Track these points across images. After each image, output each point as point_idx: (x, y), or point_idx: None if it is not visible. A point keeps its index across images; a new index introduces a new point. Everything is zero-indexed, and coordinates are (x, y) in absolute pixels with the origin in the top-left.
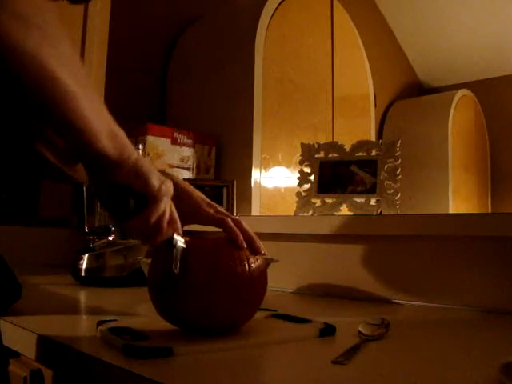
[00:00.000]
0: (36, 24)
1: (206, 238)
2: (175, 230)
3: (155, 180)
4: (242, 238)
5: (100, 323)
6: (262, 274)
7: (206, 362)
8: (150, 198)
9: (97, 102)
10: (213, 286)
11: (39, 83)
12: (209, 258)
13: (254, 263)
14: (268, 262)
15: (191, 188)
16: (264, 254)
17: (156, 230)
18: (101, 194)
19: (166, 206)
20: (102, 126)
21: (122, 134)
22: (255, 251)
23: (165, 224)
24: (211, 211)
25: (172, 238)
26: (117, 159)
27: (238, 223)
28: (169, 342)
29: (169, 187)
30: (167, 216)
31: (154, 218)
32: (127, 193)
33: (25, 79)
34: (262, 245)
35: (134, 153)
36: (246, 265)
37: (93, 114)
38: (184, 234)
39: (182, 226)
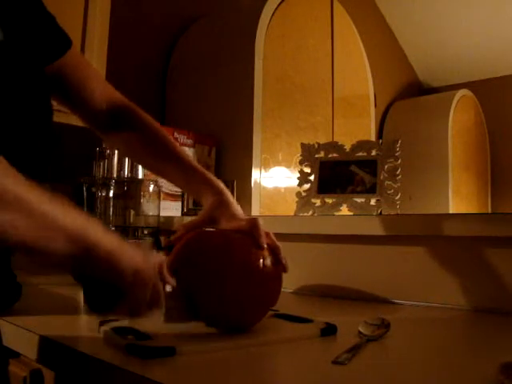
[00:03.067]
0: None
1: (222, 234)
2: (156, 306)
3: (128, 273)
4: (264, 239)
5: (102, 323)
6: (275, 274)
7: (208, 361)
8: (123, 289)
9: (57, 210)
10: (226, 280)
11: None
12: (219, 258)
13: (270, 262)
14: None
15: (229, 200)
16: (285, 267)
17: (136, 313)
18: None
19: (144, 293)
20: (60, 238)
21: (90, 231)
22: (277, 261)
23: (141, 312)
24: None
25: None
26: (82, 260)
27: (267, 233)
28: (171, 342)
29: (144, 275)
30: (144, 303)
31: (128, 309)
32: (101, 284)
33: None
34: (285, 259)
35: (105, 246)
36: (261, 262)
37: (45, 235)
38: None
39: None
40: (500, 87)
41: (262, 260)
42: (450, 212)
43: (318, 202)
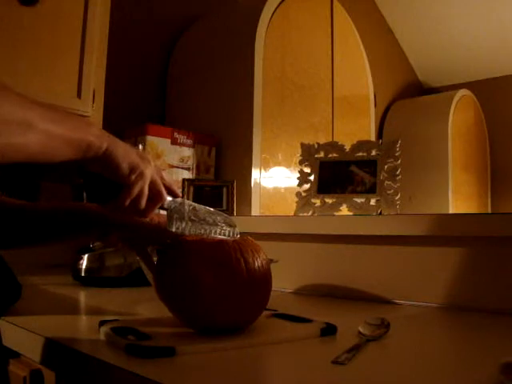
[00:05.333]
0: None
1: (206, 240)
2: (159, 203)
3: (125, 168)
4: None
5: (102, 323)
6: (265, 273)
7: (208, 361)
8: (123, 184)
9: (51, 124)
10: (217, 287)
11: None
12: (212, 260)
13: (256, 263)
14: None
15: None
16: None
17: (136, 210)
18: (81, 178)
19: (143, 187)
20: (59, 143)
21: (85, 135)
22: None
23: (142, 204)
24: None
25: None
26: (82, 158)
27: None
28: (171, 342)
29: (142, 172)
30: (144, 195)
31: (127, 202)
32: (101, 179)
33: None
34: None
35: (102, 147)
36: (246, 265)
37: (46, 140)
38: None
39: None
40: (500, 87)
41: (246, 261)
42: (450, 212)
43: (317, 202)
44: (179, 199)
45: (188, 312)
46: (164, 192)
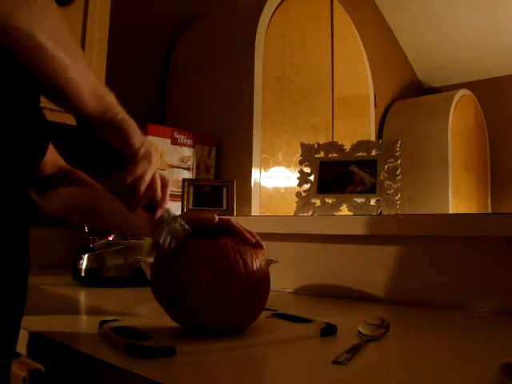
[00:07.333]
0: (23, 1)
1: (204, 241)
2: (153, 198)
3: (135, 141)
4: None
5: (102, 323)
6: (264, 274)
7: (208, 361)
8: (128, 158)
9: (84, 69)
10: (215, 288)
11: (31, 55)
12: (210, 260)
13: (255, 264)
14: (268, 262)
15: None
16: (261, 245)
17: (132, 193)
18: (86, 147)
19: (146, 171)
20: (88, 90)
21: (108, 96)
22: (257, 243)
23: (141, 187)
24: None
25: (155, 209)
26: (100, 118)
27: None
28: (171, 342)
29: (150, 152)
30: (146, 180)
31: (129, 179)
32: (108, 150)
33: (18, 54)
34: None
35: (120, 114)
36: (245, 266)
37: (80, 80)
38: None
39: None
40: (500, 87)
41: (245, 262)
42: (450, 212)
43: (317, 202)
44: (172, 213)
45: (185, 314)
46: (167, 195)
